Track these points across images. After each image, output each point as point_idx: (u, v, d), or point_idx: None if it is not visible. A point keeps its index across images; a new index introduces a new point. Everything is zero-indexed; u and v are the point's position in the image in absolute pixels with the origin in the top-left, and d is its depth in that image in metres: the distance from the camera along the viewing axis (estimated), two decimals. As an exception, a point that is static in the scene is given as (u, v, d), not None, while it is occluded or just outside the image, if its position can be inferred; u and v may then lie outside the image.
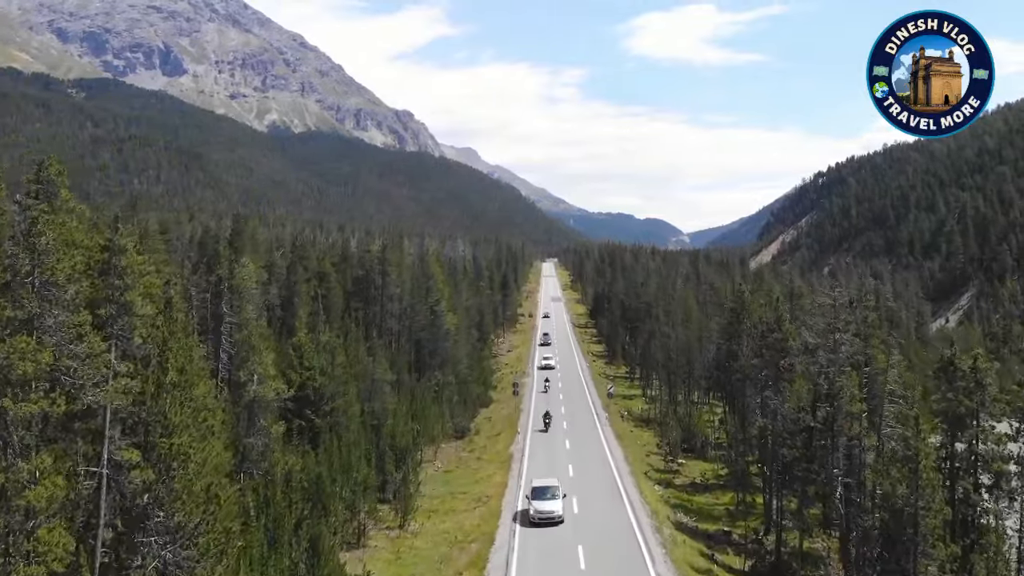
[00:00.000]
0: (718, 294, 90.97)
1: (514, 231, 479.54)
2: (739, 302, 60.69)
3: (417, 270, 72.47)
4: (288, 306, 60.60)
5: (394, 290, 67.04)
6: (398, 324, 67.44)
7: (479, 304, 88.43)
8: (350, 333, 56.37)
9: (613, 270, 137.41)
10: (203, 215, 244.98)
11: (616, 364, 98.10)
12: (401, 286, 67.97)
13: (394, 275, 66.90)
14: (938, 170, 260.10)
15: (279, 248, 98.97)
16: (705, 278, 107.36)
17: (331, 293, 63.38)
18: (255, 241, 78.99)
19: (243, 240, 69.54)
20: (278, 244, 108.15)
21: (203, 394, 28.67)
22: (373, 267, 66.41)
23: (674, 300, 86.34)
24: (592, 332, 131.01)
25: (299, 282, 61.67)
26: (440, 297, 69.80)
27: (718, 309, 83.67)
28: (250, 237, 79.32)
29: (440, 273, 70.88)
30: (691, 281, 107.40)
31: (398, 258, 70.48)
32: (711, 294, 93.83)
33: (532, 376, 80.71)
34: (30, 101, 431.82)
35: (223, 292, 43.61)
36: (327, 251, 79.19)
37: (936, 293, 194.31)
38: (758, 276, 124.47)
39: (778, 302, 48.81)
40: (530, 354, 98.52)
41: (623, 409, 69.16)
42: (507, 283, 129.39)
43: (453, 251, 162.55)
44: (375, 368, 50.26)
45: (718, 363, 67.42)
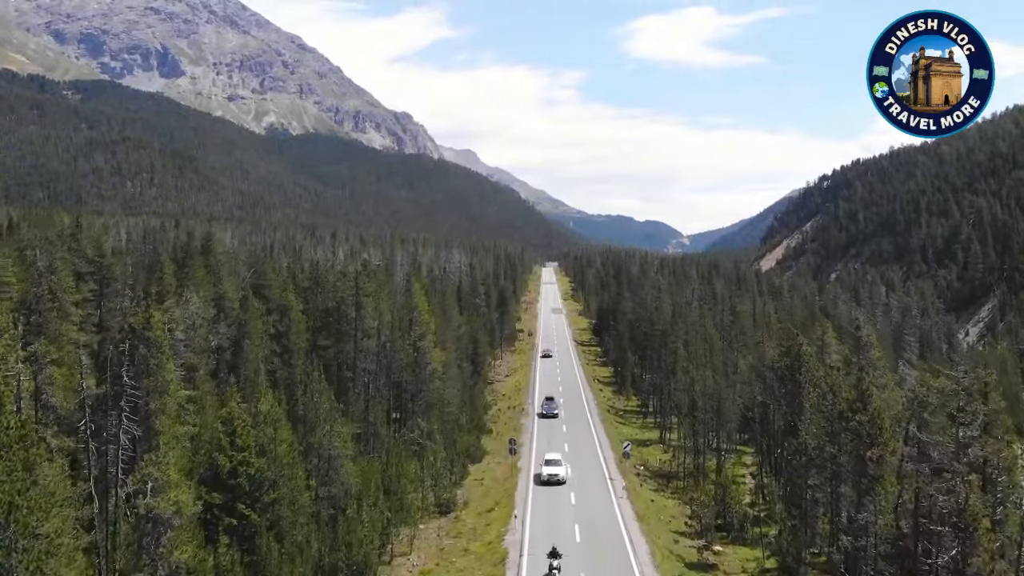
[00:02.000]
0: (740, 320, 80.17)
1: (513, 234, 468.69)
2: (794, 358, 48.86)
3: (399, 299, 61.60)
4: (239, 350, 49.74)
5: (371, 324, 56.19)
6: (375, 364, 56.61)
7: (472, 331, 77.57)
8: (311, 383, 45.55)
9: (618, 283, 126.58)
10: (191, 220, 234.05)
11: (625, 394, 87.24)
12: (379, 319, 57.14)
13: (370, 307, 56.05)
14: (949, 174, 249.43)
15: (252, 268, 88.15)
16: (723, 298, 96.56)
17: (293, 330, 52.53)
18: (213, 262, 68.10)
19: (195, 264, 58.80)
20: (251, 263, 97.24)
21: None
22: (346, 297, 55.52)
23: (692, 329, 75.43)
24: (596, 351, 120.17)
25: (253, 319, 50.79)
26: (425, 331, 58.91)
27: (745, 342, 72.89)
28: (203, 257, 68.53)
29: (425, 303, 60.04)
30: (707, 301, 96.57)
31: (375, 287, 59.59)
32: (732, 320, 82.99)
33: (531, 419, 69.65)
34: (24, 103, 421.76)
35: (127, 352, 32.76)
36: (296, 275, 68.18)
37: (955, 303, 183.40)
38: (778, 292, 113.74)
39: (860, 377, 37.00)
40: (529, 386, 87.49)
41: (639, 462, 58.28)
42: (505, 300, 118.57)
43: (448, 262, 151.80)
44: (332, 440, 39.35)
45: (753, 412, 56.71)
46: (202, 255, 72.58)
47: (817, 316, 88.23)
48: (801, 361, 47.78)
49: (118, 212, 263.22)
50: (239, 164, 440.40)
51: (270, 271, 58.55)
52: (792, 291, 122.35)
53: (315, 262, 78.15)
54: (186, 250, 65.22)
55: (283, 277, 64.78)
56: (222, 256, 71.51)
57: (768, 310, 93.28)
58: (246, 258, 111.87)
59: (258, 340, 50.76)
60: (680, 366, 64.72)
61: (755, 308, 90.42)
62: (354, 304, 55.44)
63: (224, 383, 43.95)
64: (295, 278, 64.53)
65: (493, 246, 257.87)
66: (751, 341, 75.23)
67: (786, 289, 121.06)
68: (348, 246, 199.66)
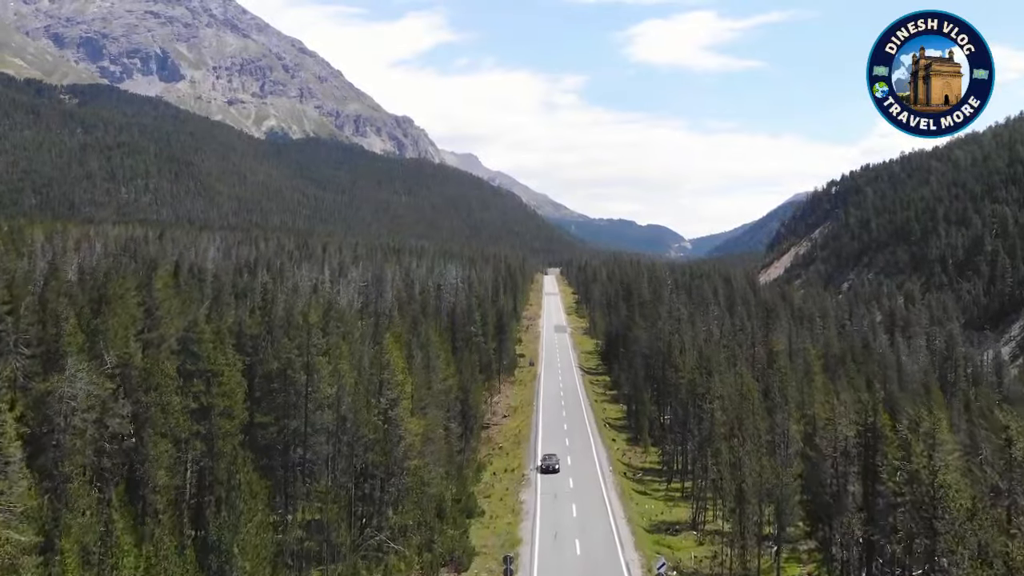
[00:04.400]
0: (778, 361, 66.50)
1: (514, 240, 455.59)
2: (871, 434, 35.90)
3: (366, 356, 48.13)
4: (140, 440, 36.37)
5: (327, 392, 42.81)
6: (331, 445, 43.22)
7: (463, 381, 64.04)
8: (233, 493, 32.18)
9: (628, 305, 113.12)
10: (178, 230, 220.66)
11: (642, 444, 73.69)
12: (339, 382, 43.79)
13: (326, 371, 42.68)
14: (966, 181, 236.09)
15: (207, 302, 74.87)
16: (751, 331, 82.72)
17: (218, 406, 39.16)
18: (150, 300, 54.68)
19: (114, 309, 45.47)
20: (215, 289, 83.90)
21: None
22: (294, 360, 42.08)
23: (722, 374, 61.84)
24: (604, 380, 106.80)
25: (162, 397, 37.40)
26: (399, 394, 45.42)
27: (787, 394, 59.39)
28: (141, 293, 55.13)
29: (400, 359, 46.59)
30: (733, 333, 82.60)
31: (338, 338, 46.12)
32: (768, 362, 69.29)
33: (533, 489, 56.00)
34: (20, 107, 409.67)
35: None
36: (244, 322, 54.43)
37: (981, 319, 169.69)
38: (809, 319, 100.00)
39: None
40: (531, 434, 73.94)
41: (672, 567, 44.73)
42: (503, 326, 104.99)
43: (443, 277, 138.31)
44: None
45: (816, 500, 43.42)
46: (137, 292, 59.31)
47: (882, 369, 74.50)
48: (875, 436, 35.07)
49: (106, 220, 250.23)
50: (236, 169, 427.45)
51: (202, 321, 45.17)
52: (823, 317, 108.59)
53: (269, 301, 64.48)
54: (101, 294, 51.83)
55: (224, 324, 51.23)
56: (172, 290, 58.00)
57: (805, 345, 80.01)
58: (213, 280, 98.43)
59: (159, 424, 37.37)
60: (718, 432, 51.40)
61: (791, 344, 77.27)
62: (304, 367, 42.09)
63: (104, 504, 30.57)
64: (242, 327, 50.94)
65: (493, 256, 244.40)
66: (794, 391, 61.70)
67: (816, 314, 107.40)
68: (340, 258, 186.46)
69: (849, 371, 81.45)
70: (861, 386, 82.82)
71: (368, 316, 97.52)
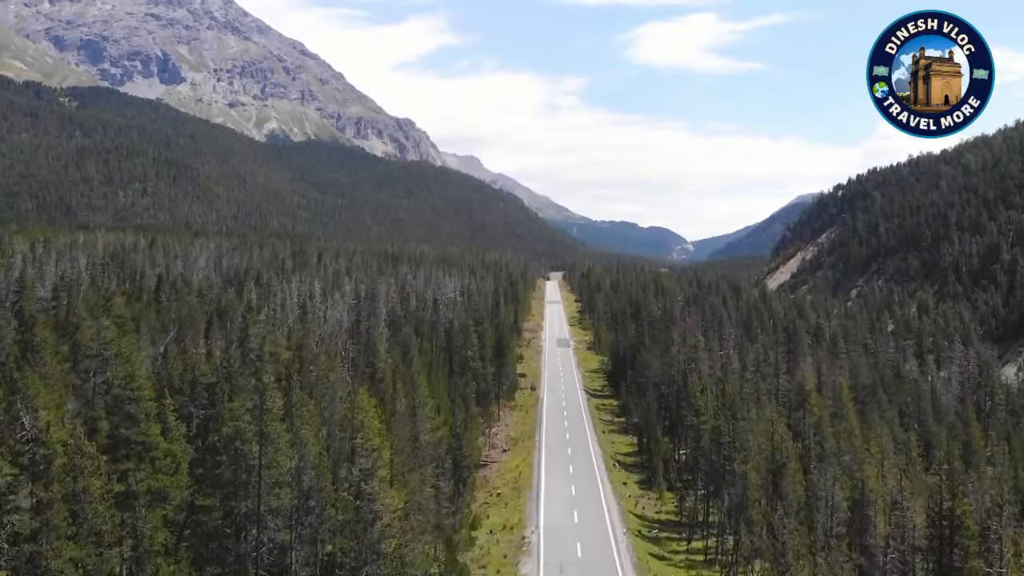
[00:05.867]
0: (808, 399, 58.48)
1: (516, 243, 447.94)
2: (946, 523, 28.04)
3: (339, 407, 40.24)
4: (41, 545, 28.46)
5: (284, 466, 34.94)
6: (290, 531, 35.32)
7: (456, 425, 55.91)
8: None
9: (637, 324, 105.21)
10: (171, 236, 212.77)
11: (657, 489, 65.72)
12: (301, 452, 35.93)
13: (283, 440, 34.79)
14: (978, 185, 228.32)
15: (172, 332, 67.38)
16: (774, 362, 74.53)
17: (150, 489, 31.28)
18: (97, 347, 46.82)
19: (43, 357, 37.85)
20: (191, 308, 76.18)
21: None
22: (244, 429, 34.15)
23: (747, 416, 53.82)
24: (611, 405, 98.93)
25: (77, 483, 29.60)
26: (376, 462, 37.53)
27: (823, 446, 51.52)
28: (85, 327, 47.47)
29: (376, 418, 38.70)
30: (761, 367, 74.08)
31: (302, 398, 38.24)
32: (798, 401, 61.15)
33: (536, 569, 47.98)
34: (18, 110, 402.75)
35: None
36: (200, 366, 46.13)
37: (1002, 332, 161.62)
38: (832, 344, 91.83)
39: None
40: (533, 479, 65.98)
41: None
42: (503, 349, 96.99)
43: (441, 290, 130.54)
44: None
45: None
46: (94, 322, 51.56)
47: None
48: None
49: (101, 226, 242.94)
50: (236, 172, 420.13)
51: (141, 376, 37.34)
52: (846, 339, 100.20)
53: (246, 331, 56.56)
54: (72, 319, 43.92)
55: (176, 369, 43.19)
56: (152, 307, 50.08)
57: (835, 375, 71.98)
58: (199, 295, 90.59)
59: (90, 511, 29.56)
60: (752, 499, 43.53)
61: (820, 377, 69.37)
62: (256, 436, 34.23)
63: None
64: (194, 380, 42.85)
65: (494, 263, 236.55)
66: (830, 438, 53.73)
67: (840, 336, 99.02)
68: (336, 267, 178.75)
69: (881, 403, 73.59)
70: (894, 417, 75.04)
71: (358, 337, 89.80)
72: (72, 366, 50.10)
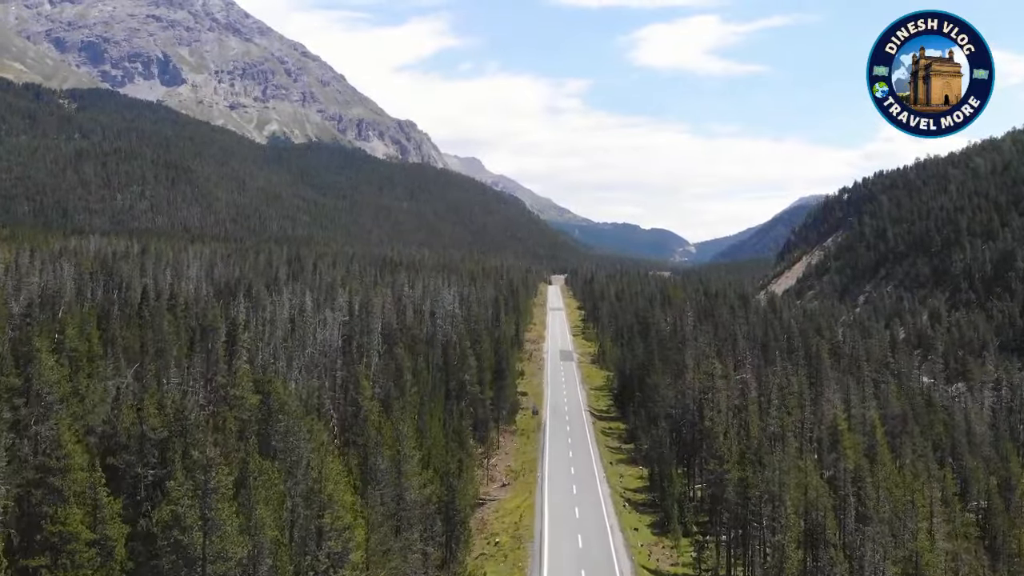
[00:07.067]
0: (839, 438, 52.05)
1: (517, 246, 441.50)
2: None
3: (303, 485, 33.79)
4: None
5: (236, 554, 28.55)
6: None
7: (451, 470, 49.39)
8: None
9: (645, 342, 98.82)
10: (165, 242, 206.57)
11: (672, 534, 59.27)
12: (255, 536, 29.55)
13: (231, 526, 28.42)
14: (988, 189, 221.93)
15: (135, 366, 61.08)
16: (798, 390, 67.83)
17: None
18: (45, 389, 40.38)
19: None
20: (174, 329, 69.94)
21: None
22: (183, 514, 27.82)
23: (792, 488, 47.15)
24: (618, 428, 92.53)
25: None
26: (348, 545, 31.17)
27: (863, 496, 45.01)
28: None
29: (349, 492, 32.27)
30: (786, 400, 67.38)
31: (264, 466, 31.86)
32: (829, 438, 54.72)
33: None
34: (17, 113, 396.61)
35: None
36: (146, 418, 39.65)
37: (1019, 342, 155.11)
38: (855, 364, 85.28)
39: None
40: (535, 525, 59.54)
41: None
42: (503, 369, 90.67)
43: (438, 302, 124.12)
44: None
45: None
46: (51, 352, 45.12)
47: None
48: None
49: (96, 230, 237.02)
50: (236, 175, 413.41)
51: (68, 439, 30.83)
52: (869, 359, 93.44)
53: (222, 368, 50.16)
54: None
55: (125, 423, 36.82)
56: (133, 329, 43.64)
57: (864, 407, 65.63)
58: (183, 311, 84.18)
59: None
60: (789, 572, 37.16)
61: (849, 410, 62.96)
62: (199, 523, 27.88)
63: None
64: (143, 436, 36.28)
65: (495, 270, 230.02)
66: (870, 489, 47.24)
67: (862, 356, 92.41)
68: (332, 275, 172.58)
69: (913, 436, 67.11)
70: (927, 451, 68.52)
71: (348, 357, 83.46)
72: (14, 412, 43.69)
